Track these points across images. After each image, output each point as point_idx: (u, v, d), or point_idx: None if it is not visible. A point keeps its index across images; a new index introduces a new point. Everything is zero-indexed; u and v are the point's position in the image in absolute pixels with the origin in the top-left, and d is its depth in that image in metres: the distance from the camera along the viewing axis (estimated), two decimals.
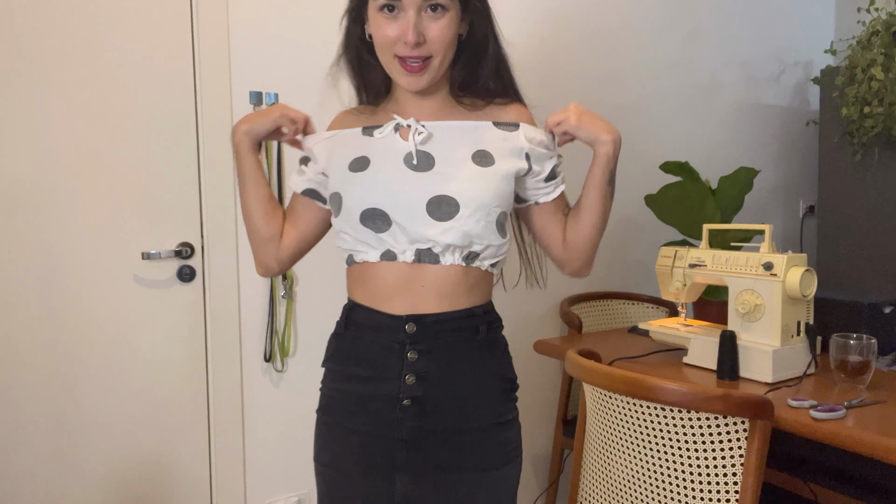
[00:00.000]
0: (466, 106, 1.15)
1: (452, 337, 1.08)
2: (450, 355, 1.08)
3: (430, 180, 1.06)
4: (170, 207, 1.82)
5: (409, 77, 1.07)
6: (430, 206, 1.04)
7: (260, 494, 1.97)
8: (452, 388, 1.08)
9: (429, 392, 1.07)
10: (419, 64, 1.05)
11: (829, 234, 2.88)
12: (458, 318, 1.08)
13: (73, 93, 1.70)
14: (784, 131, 3.13)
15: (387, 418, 1.07)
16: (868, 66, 2.55)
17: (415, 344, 1.07)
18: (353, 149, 1.12)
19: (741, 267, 1.67)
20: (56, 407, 1.72)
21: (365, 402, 1.09)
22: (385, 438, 1.08)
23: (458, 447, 1.07)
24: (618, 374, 1.31)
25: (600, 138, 1.10)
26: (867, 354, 1.51)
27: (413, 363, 1.06)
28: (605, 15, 2.54)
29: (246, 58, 1.87)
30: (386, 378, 1.07)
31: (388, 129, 1.12)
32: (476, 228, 1.05)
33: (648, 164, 2.44)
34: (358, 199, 1.07)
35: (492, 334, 1.12)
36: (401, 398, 1.06)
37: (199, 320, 1.88)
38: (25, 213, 1.66)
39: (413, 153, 1.08)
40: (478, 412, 1.09)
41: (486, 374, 1.11)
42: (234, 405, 1.91)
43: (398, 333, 1.07)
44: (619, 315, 2.51)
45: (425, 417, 1.07)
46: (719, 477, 1.25)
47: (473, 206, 1.04)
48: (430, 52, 1.05)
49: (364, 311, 1.11)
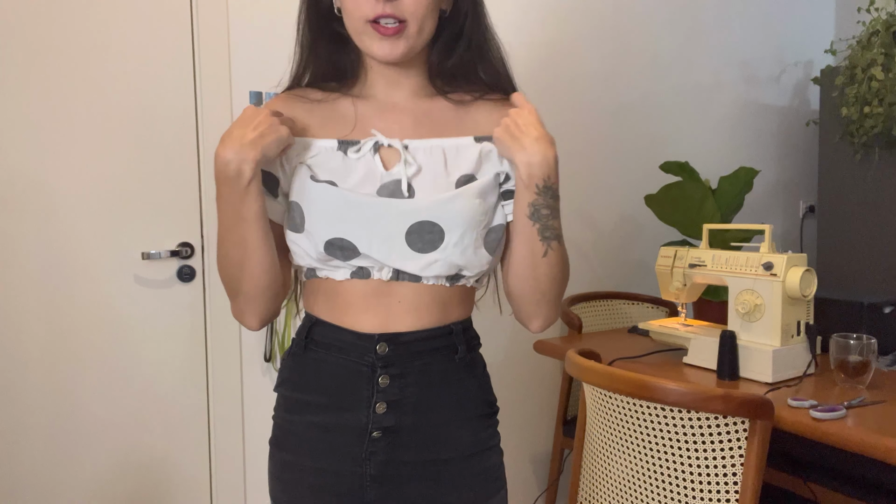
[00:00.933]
0: (448, 97, 0.99)
1: (430, 358, 0.94)
2: (426, 379, 0.94)
3: (408, 206, 0.90)
4: (170, 207, 1.82)
5: (383, 42, 0.89)
6: (411, 237, 0.89)
7: (260, 494, 1.97)
8: (429, 415, 0.94)
9: (402, 421, 0.93)
10: (394, 26, 0.88)
11: (829, 234, 2.88)
12: (435, 336, 0.94)
13: (74, 93, 1.70)
14: (784, 131, 3.13)
15: (352, 453, 0.93)
16: (868, 66, 2.55)
17: (387, 367, 0.92)
18: (322, 163, 0.94)
19: (741, 267, 1.67)
20: (56, 407, 1.72)
21: (326, 434, 0.94)
22: (350, 476, 0.93)
23: (435, 481, 0.94)
24: (618, 374, 1.31)
25: (514, 158, 0.91)
26: (867, 354, 1.51)
27: (384, 389, 0.92)
28: (605, 15, 2.54)
29: (246, 58, 1.87)
30: (352, 407, 0.93)
31: (367, 148, 0.93)
32: (462, 259, 0.91)
33: (648, 164, 2.44)
34: (320, 220, 0.90)
35: (471, 354, 0.99)
36: (370, 430, 0.92)
37: (199, 320, 1.88)
38: (25, 213, 1.66)
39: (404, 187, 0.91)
40: (457, 441, 0.95)
41: (466, 399, 0.97)
42: (234, 405, 1.91)
43: (367, 355, 0.92)
44: (619, 315, 2.51)
45: (397, 450, 0.93)
46: (719, 477, 1.25)
47: (460, 231, 0.89)
48: (405, 14, 0.88)
49: (327, 329, 0.94)
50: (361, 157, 0.93)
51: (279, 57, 1.92)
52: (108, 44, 1.73)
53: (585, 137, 2.45)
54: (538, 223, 0.92)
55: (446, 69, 0.98)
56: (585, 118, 2.49)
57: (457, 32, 0.97)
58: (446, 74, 0.99)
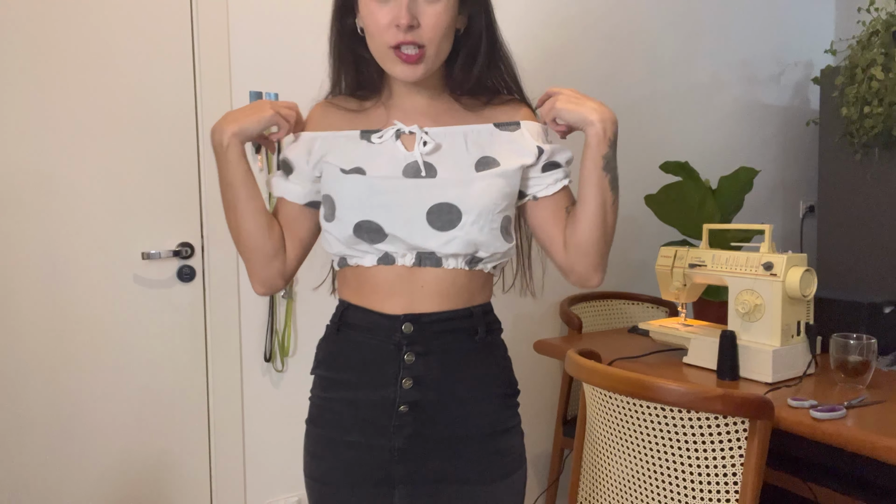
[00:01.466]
0: (465, 105, 1.09)
1: (451, 337, 1.02)
2: (448, 357, 1.02)
3: (429, 188, 0.99)
4: (170, 207, 1.82)
5: (405, 66, 0.99)
6: (431, 216, 0.98)
7: (260, 494, 1.97)
8: (451, 392, 1.02)
9: (427, 397, 1.01)
10: (415, 54, 0.98)
11: (829, 234, 2.88)
12: (456, 317, 1.02)
13: (74, 92, 1.70)
14: (784, 131, 3.13)
15: (382, 427, 1.01)
16: (868, 66, 2.55)
17: (412, 345, 1.00)
18: (348, 152, 1.05)
19: (741, 267, 1.67)
20: (56, 406, 1.72)
21: (358, 410, 1.02)
22: (379, 449, 1.01)
23: (457, 458, 1.01)
24: (618, 374, 1.31)
25: (587, 118, 1.01)
26: (867, 354, 1.51)
27: (410, 366, 1.00)
28: (606, 15, 2.54)
29: (246, 58, 1.87)
30: (381, 383, 1.01)
31: (389, 134, 1.04)
32: (480, 236, 1.00)
33: (648, 164, 2.44)
34: (350, 208, 1.00)
35: (490, 337, 1.06)
36: (397, 404, 1.00)
37: (199, 320, 1.88)
38: (25, 212, 1.66)
39: (420, 164, 1.01)
40: (478, 419, 1.03)
41: (487, 379, 1.05)
42: (234, 405, 1.91)
43: (394, 334, 1.01)
44: (619, 315, 2.51)
45: (422, 425, 1.01)
46: (719, 477, 1.25)
47: (476, 212, 0.98)
48: (423, 40, 0.98)
49: (358, 312, 1.04)
50: (384, 143, 1.04)
51: (279, 57, 1.93)
52: (108, 44, 1.73)
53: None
54: (609, 174, 1.04)
55: (462, 80, 1.08)
56: None
57: (473, 52, 1.07)
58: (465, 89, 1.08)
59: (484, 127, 1.07)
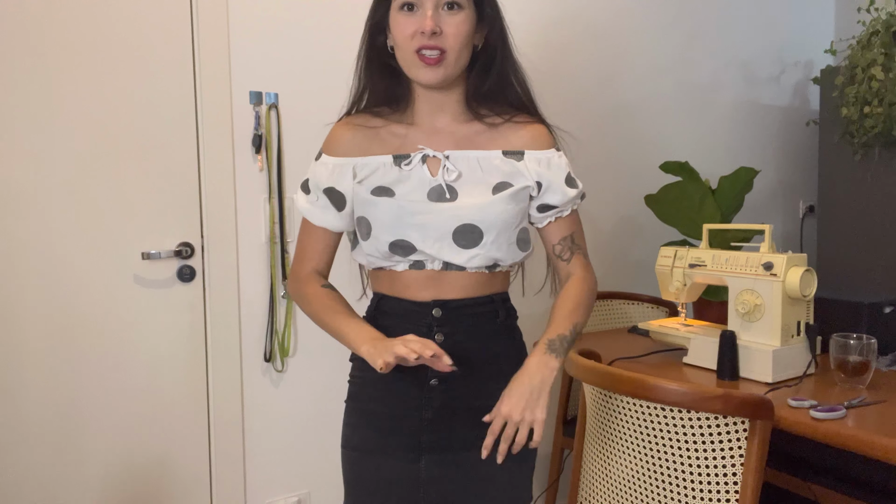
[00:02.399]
0: (483, 121, 1.20)
1: (475, 320, 1.17)
2: (473, 336, 1.16)
3: (454, 210, 1.12)
4: (170, 207, 1.82)
5: (426, 69, 1.11)
6: (456, 236, 1.12)
7: (260, 494, 1.97)
8: (476, 368, 1.15)
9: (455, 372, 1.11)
10: (436, 56, 1.10)
11: (829, 234, 2.88)
12: (480, 303, 1.17)
13: (74, 92, 1.70)
14: (784, 131, 3.13)
15: (414, 399, 1.15)
16: (868, 66, 2.55)
17: (441, 326, 1.15)
18: (381, 176, 1.16)
19: (741, 267, 1.67)
20: (56, 406, 1.72)
21: (393, 384, 1.16)
22: (410, 419, 1.15)
23: (480, 425, 1.11)
24: (618, 374, 1.31)
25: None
26: (867, 354, 1.51)
27: (440, 344, 1.12)
28: (605, 15, 2.54)
29: (246, 58, 1.87)
30: None
31: (416, 160, 1.16)
32: (499, 253, 1.14)
33: (648, 164, 2.44)
34: (386, 229, 1.13)
35: (509, 321, 1.22)
36: (428, 377, 1.14)
37: (199, 320, 1.88)
38: (25, 212, 1.66)
39: (444, 187, 1.14)
40: (498, 391, 1.11)
41: (507, 357, 1.19)
42: (234, 405, 1.91)
43: (425, 318, 1.15)
44: (619, 315, 2.51)
45: (451, 397, 1.15)
46: (719, 477, 1.25)
47: (495, 231, 1.12)
48: (445, 46, 1.11)
49: (391, 301, 1.18)
50: (413, 168, 1.15)
51: (279, 57, 1.93)
52: (108, 43, 1.73)
53: (585, 137, 2.45)
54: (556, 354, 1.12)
55: (481, 93, 1.20)
56: (585, 118, 2.49)
57: (488, 63, 1.19)
58: (481, 97, 1.20)
59: (494, 153, 1.18)
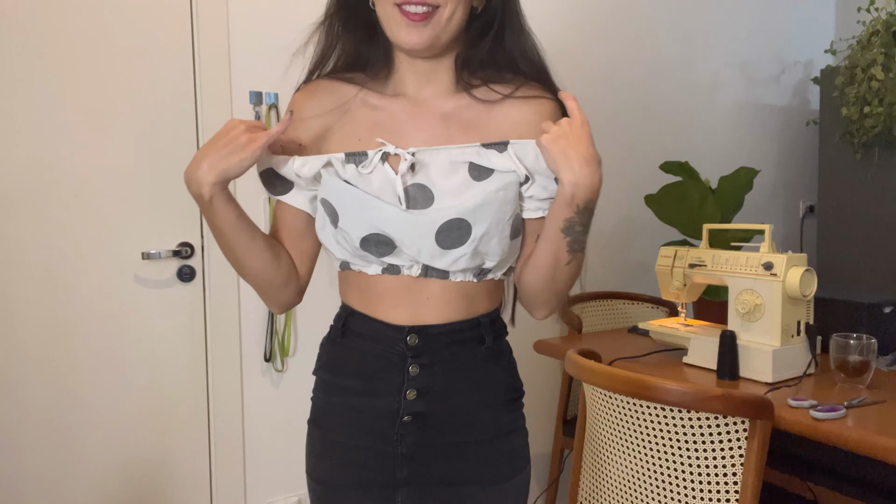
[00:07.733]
0: (478, 99, 0.98)
1: (458, 348, 0.98)
2: (454, 368, 0.98)
3: (433, 210, 0.92)
4: (170, 207, 1.82)
5: (410, 28, 0.88)
6: (440, 236, 0.91)
7: (260, 494, 1.97)
8: (456, 402, 0.98)
9: (431, 407, 0.97)
10: (423, 12, 0.87)
11: (829, 234, 2.88)
12: (463, 328, 0.98)
13: (74, 92, 1.70)
14: (784, 131, 3.13)
15: (385, 434, 0.98)
16: (868, 66, 2.55)
17: (417, 357, 0.96)
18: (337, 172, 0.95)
19: (741, 267, 1.67)
20: (56, 406, 1.72)
21: (361, 416, 0.99)
22: (383, 454, 0.98)
23: (462, 460, 0.99)
24: (618, 374, 1.31)
25: (560, 174, 0.89)
26: (867, 354, 1.51)
27: (415, 377, 0.96)
28: (605, 15, 2.54)
29: (246, 58, 1.87)
30: (384, 393, 0.97)
31: (375, 160, 0.93)
32: (488, 247, 0.93)
33: (648, 164, 2.44)
34: (357, 220, 0.92)
35: (497, 343, 1.02)
36: (401, 414, 0.97)
37: (199, 320, 1.88)
38: (25, 212, 1.66)
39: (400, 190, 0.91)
40: (484, 424, 1.00)
41: (492, 385, 1.01)
42: (234, 405, 1.91)
43: (399, 345, 0.96)
44: (619, 315, 2.51)
45: (426, 433, 0.98)
46: (719, 477, 1.25)
47: (486, 224, 0.91)
48: (437, 1, 0.88)
49: (361, 319, 0.99)
50: (372, 171, 0.93)
51: (279, 57, 1.92)
52: (108, 44, 1.73)
53: None
54: (569, 237, 0.93)
55: (476, 61, 0.98)
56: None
57: (489, 26, 0.97)
58: (475, 66, 0.98)
59: (470, 148, 0.94)
